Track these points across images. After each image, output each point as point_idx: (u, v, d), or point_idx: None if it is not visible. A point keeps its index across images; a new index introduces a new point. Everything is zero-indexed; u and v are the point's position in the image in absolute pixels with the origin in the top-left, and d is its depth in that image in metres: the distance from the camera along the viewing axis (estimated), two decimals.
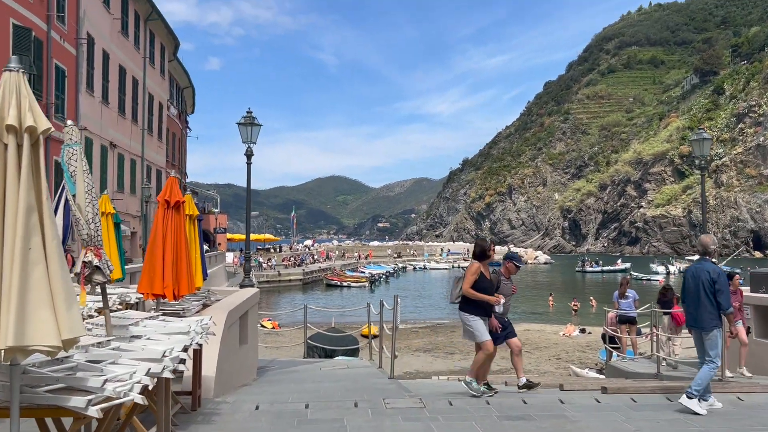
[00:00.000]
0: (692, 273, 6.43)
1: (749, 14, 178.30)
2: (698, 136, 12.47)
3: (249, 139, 11.93)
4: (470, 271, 6.92)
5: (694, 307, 6.28)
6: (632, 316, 12.00)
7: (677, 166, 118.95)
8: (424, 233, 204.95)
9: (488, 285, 6.92)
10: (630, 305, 11.93)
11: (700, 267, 6.40)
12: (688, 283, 6.47)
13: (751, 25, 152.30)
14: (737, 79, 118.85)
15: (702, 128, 13.36)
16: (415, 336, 24.64)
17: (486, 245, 7.17)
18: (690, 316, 6.43)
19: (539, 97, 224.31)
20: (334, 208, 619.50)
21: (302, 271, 56.68)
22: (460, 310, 6.97)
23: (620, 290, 12.25)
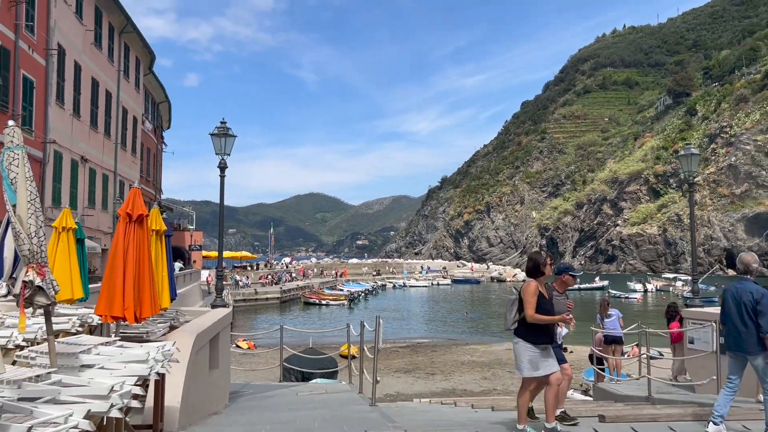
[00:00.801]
0: (733, 294, 6.00)
1: (719, 38, 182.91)
2: (686, 152, 12.28)
3: (223, 151, 11.38)
4: (529, 292, 5.94)
5: (737, 330, 5.87)
6: (619, 336, 11.69)
7: (652, 185, 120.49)
8: (403, 251, 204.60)
9: (549, 306, 6.05)
10: (615, 324, 11.63)
11: (741, 287, 5.96)
12: (728, 304, 6.04)
13: (721, 48, 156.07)
14: (709, 100, 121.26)
15: (689, 143, 13.11)
16: (395, 356, 24.08)
17: (540, 259, 6.20)
18: (732, 340, 5.98)
19: (516, 117, 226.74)
20: (312, 226, 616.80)
21: (280, 289, 55.77)
22: (518, 337, 6.00)
23: (601, 312, 11.97)
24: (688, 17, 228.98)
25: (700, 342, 8.82)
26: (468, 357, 23.40)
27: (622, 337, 11.84)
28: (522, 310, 5.94)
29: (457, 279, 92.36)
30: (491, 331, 36.89)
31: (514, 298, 6.20)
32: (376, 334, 7.45)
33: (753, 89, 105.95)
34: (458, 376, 18.91)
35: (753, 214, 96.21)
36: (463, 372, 19.77)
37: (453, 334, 35.38)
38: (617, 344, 11.72)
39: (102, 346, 4.61)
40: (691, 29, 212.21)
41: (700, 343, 8.86)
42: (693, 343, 9.12)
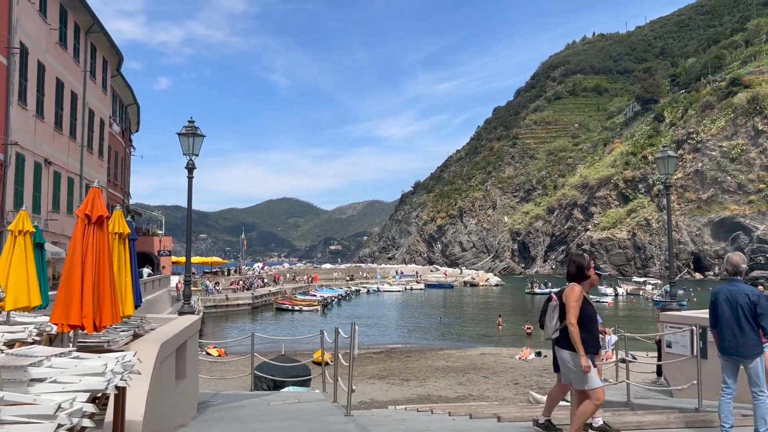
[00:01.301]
0: (726, 296, 5.81)
1: (685, 46, 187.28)
2: (663, 154, 12.27)
3: (191, 151, 10.95)
4: (573, 297, 5.45)
5: (732, 333, 5.72)
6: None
7: (621, 190, 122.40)
8: (376, 256, 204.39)
9: (592, 312, 5.63)
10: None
11: (735, 289, 5.80)
12: (721, 307, 5.85)
13: (688, 56, 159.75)
14: (676, 107, 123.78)
15: (666, 146, 13.12)
16: (369, 362, 23.77)
17: (584, 262, 5.76)
18: (727, 344, 5.80)
19: (488, 122, 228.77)
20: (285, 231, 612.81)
21: (251, 295, 55.00)
22: (559, 347, 5.57)
23: None
24: (656, 26, 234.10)
25: (678, 346, 8.74)
26: (443, 362, 23.23)
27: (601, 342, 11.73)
28: (564, 317, 5.45)
29: (430, 284, 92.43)
30: (465, 336, 36.83)
31: (554, 304, 5.72)
32: (351, 341, 7.17)
33: (718, 96, 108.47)
34: (433, 382, 18.71)
35: (719, 218, 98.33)
36: (438, 377, 19.58)
37: (427, 340, 35.23)
38: None
39: (56, 358, 4.26)
40: (659, 37, 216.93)
41: (677, 347, 8.77)
42: (671, 347, 9.05)
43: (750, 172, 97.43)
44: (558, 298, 5.69)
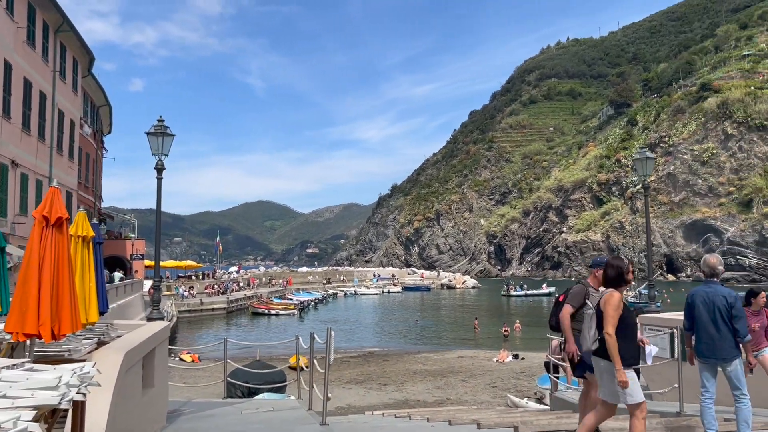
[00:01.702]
0: (703, 298, 5.72)
1: (657, 51, 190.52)
2: (641, 155, 12.26)
3: (160, 151, 10.60)
4: (612, 305, 4.98)
5: (709, 336, 5.62)
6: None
7: (596, 193, 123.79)
8: (354, 259, 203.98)
9: (633, 321, 5.23)
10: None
11: (712, 291, 5.73)
12: (698, 309, 5.75)
13: (660, 61, 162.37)
14: (649, 111, 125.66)
15: (644, 148, 13.13)
16: (346, 366, 23.50)
17: (623, 266, 5.27)
18: (704, 346, 5.70)
19: (465, 126, 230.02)
20: (261, 234, 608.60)
21: (226, 299, 54.31)
22: (597, 356, 5.13)
23: None
24: (628, 31, 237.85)
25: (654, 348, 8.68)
26: (420, 366, 23.07)
27: None
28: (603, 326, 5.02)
29: (407, 286, 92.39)
30: (443, 339, 36.75)
31: (591, 312, 5.37)
32: (327, 347, 6.93)
33: (689, 101, 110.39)
34: (411, 386, 18.52)
35: (690, 221, 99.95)
36: (416, 381, 19.40)
37: (404, 343, 35.06)
38: None
39: (7, 370, 3.96)
40: (631, 43, 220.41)
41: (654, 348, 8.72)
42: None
43: (720, 175, 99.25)
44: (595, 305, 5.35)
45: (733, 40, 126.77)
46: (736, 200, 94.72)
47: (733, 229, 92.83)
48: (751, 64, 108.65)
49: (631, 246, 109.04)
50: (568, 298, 6.15)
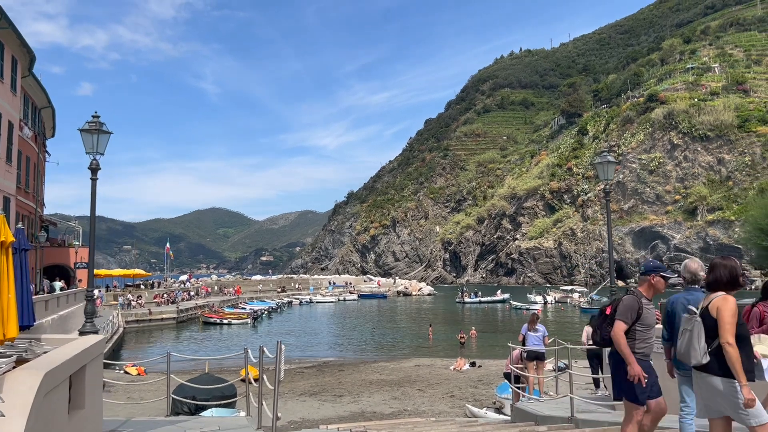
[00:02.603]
0: (683, 307, 5.25)
1: (606, 63, 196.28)
2: (602, 159, 12.14)
3: (95, 149, 9.82)
4: (728, 311, 4.38)
5: None
6: (542, 352, 11.18)
7: (548, 200, 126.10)
8: (309, 266, 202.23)
9: (747, 331, 4.62)
10: (539, 340, 11.11)
11: (693, 298, 5.30)
12: (676, 317, 5.32)
13: (609, 72, 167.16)
14: (599, 121, 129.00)
15: (605, 151, 13.05)
16: (300, 377, 22.80)
17: (737, 266, 4.65)
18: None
19: (420, 134, 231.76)
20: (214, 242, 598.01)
21: (176, 309, 52.61)
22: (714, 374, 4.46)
23: (530, 325, 11.42)
24: (579, 43, 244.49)
25: None
26: (377, 375, 22.57)
27: (544, 354, 11.33)
28: (714, 336, 4.41)
29: (363, 294, 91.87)
30: (399, 347, 36.36)
31: (696, 319, 4.61)
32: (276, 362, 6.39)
33: (637, 111, 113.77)
34: (367, 397, 18.01)
35: (639, 228, 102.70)
36: (372, 392, 18.90)
37: (361, 352, 34.51)
38: (539, 360, 11.20)
39: None
40: (581, 54, 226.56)
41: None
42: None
43: (667, 183, 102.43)
44: (698, 312, 4.68)
45: (678, 53, 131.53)
46: (682, 208, 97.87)
47: (679, 236, 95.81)
48: (695, 77, 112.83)
49: (582, 253, 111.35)
50: (620, 312, 5.34)
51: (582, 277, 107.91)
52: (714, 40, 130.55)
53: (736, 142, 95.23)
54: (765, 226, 29.99)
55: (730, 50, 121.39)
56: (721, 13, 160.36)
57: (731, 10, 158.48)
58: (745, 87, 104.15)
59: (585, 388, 12.61)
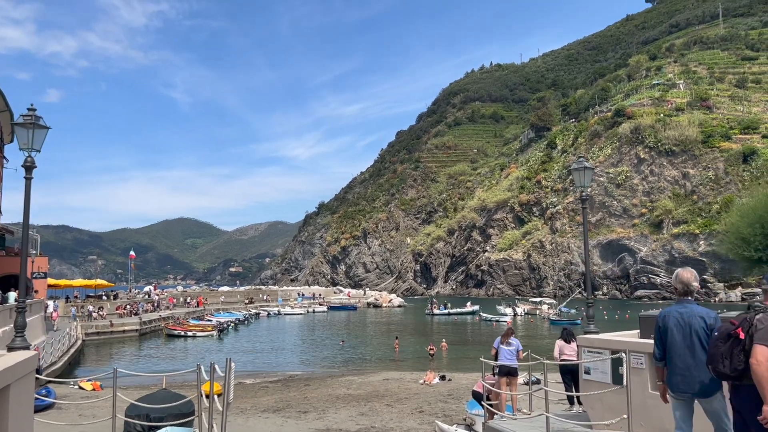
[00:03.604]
0: (677, 320, 4.84)
1: (575, 79, 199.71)
2: (579, 165, 11.82)
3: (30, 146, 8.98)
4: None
5: (685, 365, 4.70)
6: (515, 368, 10.69)
7: (517, 213, 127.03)
8: (279, 278, 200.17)
9: None
10: (512, 355, 10.63)
11: (687, 312, 4.83)
12: (671, 333, 4.85)
13: (577, 87, 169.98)
14: (567, 135, 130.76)
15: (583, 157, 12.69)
16: (263, 392, 21.99)
17: None
18: (679, 378, 4.78)
19: (392, 146, 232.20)
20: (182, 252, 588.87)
21: (139, 321, 51.10)
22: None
23: (503, 338, 10.91)
24: (548, 59, 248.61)
25: (598, 373, 8.03)
26: (344, 390, 21.90)
27: (517, 369, 10.84)
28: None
29: (333, 306, 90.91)
30: (368, 360, 35.71)
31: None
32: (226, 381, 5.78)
33: (605, 126, 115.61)
34: (333, 413, 17.35)
35: (606, 241, 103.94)
36: (339, 407, 18.24)
37: (328, 365, 33.75)
38: (512, 376, 10.69)
39: None
40: (551, 69, 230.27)
41: (597, 373, 8.06)
42: (589, 374, 8.32)
43: (634, 197, 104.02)
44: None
45: (644, 69, 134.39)
46: (648, 221, 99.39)
47: (645, 248, 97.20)
48: (661, 93, 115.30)
49: (551, 265, 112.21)
50: (760, 334, 4.11)
51: (550, 289, 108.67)
52: (679, 57, 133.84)
53: (700, 157, 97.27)
54: (747, 235, 30.33)
55: (694, 67, 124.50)
56: (685, 31, 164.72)
57: (695, 29, 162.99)
58: (709, 103, 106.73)
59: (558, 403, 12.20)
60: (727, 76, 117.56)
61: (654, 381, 8.08)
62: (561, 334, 11.60)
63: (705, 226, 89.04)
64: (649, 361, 7.96)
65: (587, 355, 8.35)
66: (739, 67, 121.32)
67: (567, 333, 11.51)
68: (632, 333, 8.56)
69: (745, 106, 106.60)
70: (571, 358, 10.58)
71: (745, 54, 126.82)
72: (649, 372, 7.66)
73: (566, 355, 11.00)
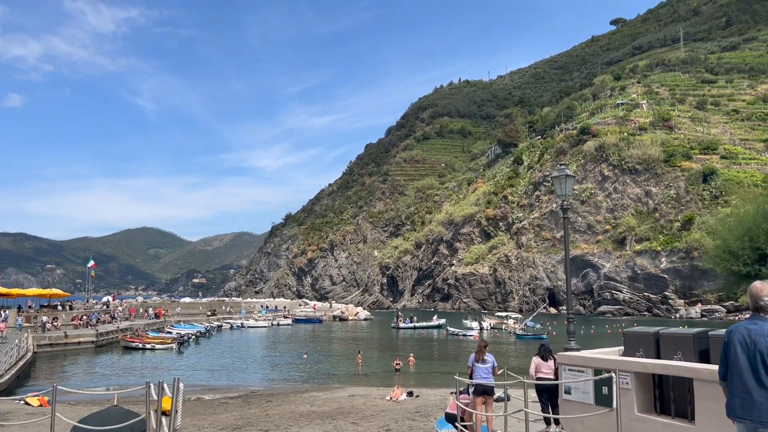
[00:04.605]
0: (743, 337, 4.29)
1: (541, 96, 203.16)
2: (560, 173, 11.44)
3: None
4: None
5: (745, 388, 4.14)
6: (491, 386, 10.09)
7: (484, 227, 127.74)
8: (243, 289, 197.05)
9: None
10: (489, 372, 10.05)
11: (756, 329, 4.27)
12: (734, 351, 4.28)
13: (543, 105, 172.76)
14: (533, 151, 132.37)
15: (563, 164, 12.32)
16: (222, 409, 21.06)
17: None
18: (740, 402, 4.20)
19: (361, 158, 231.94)
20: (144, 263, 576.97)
21: (95, 332, 49.25)
22: None
23: (478, 355, 10.28)
24: (515, 76, 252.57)
25: (579, 393, 7.58)
26: (308, 407, 21.12)
27: (494, 388, 10.21)
28: None
29: (298, 318, 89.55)
30: (333, 375, 34.89)
31: None
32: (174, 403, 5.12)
33: (570, 143, 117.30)
34: None
35: (571, 256, 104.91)
36: (302, 425, 17.49)
37: (292, 380, 32.81)
38: (488, 395, 10.05)
39: None
40: (518, 87, 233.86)
41: (578, 393, 7.62)
42: (570, 394, 7.87)
43: (598, 213, 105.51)
44: None
45: (609, 89, 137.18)
46: (612, 238, 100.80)
47: (609, 264, 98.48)
48: (625, 112, 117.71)
49: (516, 279, 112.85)
50: None
51: (516, 303, 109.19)
52: (642, 78, 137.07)
53: (662, 176, 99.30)
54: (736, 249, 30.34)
55: (656, 88, 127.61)
56: (647, 53, 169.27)
57: (657, 51, 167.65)
58: (670, 124, 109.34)
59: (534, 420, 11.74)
60: (688, 98, 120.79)
61: (641, 403, 7.64)
62: (538, 351, 11.06)
63: (666, 244, 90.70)
64: (635, 382, 7.53)
65: (568, 373, 7.90)
66: (699, 89, 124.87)
67: (544, 349, 10.97)
68: (613, 350, 8.15)
69: (705, 128, 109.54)
70: (549, 377, 10.11)
71: (704, 77, 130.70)
72: (635, 393, 7.23)
73: (543, 373, 10.47)
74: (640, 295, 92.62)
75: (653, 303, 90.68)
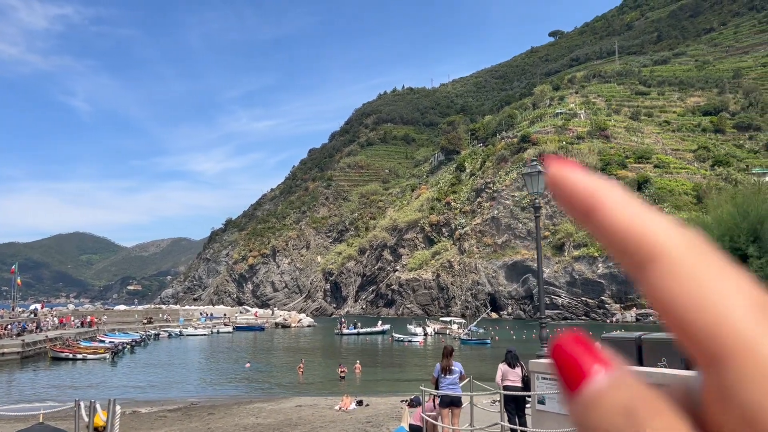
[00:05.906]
0: None
1: (482, 105, 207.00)
2: (532, 169, 11.10)
3: None
4: None
5: None
6: (458, 397, 9.53)
7: (427, 233, 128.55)
8: (181, 296, 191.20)
9: None
10: (456, 383, 9.50)
11: None
12: None
13: (485, 113, 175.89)
14: (475, 158, 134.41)
15: (535, 160, 11.97)
16: (161, 423, 19.83)
17: None
18: None
19: (304, 163, 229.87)
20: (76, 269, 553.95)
21: (21, 342, 46.32)
22: None
23: (443, 363, 9.65)
24: (457, 85, 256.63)
25: (553, 403, 7.18)
26: (253, 419, 20.16)
27: (461, 399, 9.65)
28: None
29: (239, 326, 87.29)
30: (278, 385, 33.80)
31: None
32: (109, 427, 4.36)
33: (511, 151, 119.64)
34: None
35: (512, 262, 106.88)
36: None
37: (235, 390, 31.57)
38: (455, 406, 9.47)
39: None
40: (460, 95, 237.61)
41: (552, 403, 7.22)
42: (543, 404, 7.47)
43: None
44: None
45: (548, 98, 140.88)
46: (551, 244, 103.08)
47: (548, 270, 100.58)
48: (563, 122, 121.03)
49: (459, 285, 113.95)
50: None
51: (458, 308, 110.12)
52: (579, 89, 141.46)
53: None
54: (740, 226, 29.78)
55: (593, 99, 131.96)
56: (584, 65, 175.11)
57: (593, 63, 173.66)
58: (607, 133, 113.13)
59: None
60: (623, 109, 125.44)
61: None
62: (505, 357, 10.57)
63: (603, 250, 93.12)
64: None
65: (541, 382, 7.50)
66: (634, 100, 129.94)
67: (511, 356, 10.50)
68: None
69: (639, 137, 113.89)
70: (516, 384, 9.71)
71: (638, 89, 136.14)
72: None
73: (510, 381, 10.04)
74: (578, 299, 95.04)
75: (590, 307, 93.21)
